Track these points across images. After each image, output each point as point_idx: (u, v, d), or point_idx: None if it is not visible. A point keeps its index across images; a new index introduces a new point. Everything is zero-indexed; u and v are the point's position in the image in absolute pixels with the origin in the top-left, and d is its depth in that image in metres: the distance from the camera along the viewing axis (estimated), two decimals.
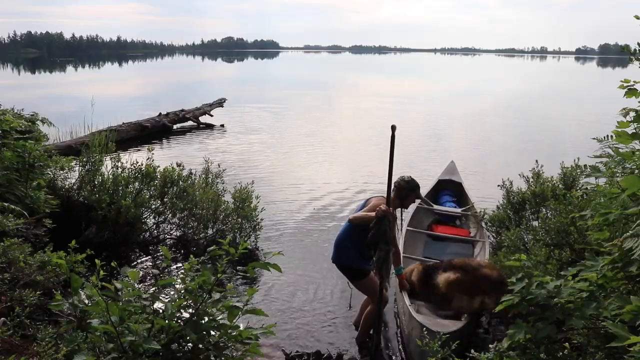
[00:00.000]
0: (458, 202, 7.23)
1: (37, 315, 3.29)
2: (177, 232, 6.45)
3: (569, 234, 4.23)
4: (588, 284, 2.36)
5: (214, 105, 17.69)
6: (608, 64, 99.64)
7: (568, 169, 5.78)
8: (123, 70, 65.38)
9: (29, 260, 3.39)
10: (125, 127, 13.14)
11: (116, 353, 1.97)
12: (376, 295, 4.11)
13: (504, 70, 76.56)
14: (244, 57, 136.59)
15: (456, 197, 7.35)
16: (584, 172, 3.51)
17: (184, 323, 2.11)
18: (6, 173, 4.65)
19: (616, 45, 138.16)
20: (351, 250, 4.12)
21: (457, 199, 7.32)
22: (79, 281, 2.25)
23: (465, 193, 7.36)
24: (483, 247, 5.67)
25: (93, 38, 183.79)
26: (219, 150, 12.28)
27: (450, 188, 7.56)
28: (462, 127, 17.00)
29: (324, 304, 5.04)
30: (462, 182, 7.63)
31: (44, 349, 2.40)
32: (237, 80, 42.43)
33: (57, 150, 6.80)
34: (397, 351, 4.29)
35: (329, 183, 9.54)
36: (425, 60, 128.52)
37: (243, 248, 2.25)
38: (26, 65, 67.62)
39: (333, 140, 14.50)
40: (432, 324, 3.90)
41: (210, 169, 6.75)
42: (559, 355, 2.34)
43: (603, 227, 2.70)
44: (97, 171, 6.08)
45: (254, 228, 6.34)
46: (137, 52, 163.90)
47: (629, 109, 2.63)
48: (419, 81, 45.94)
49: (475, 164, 11.06)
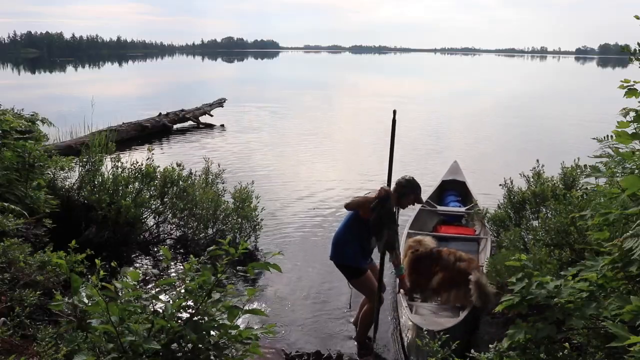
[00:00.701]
0: (463, 201, 7.23)
1: (37, 315, 3.29)
2: (177, 232, 6.45)
3: (569, 234, 4.23)
4: (588, 284, 2.36)
5: (214, 105, 17.69)
6: (608, 64, 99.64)
7: (568, 168, 5.78)
8: (123, 70, 65.39)
9: (29, 260, 3.39)
10: (125, 127, 13.14)
11: (116, 353, 1.97)
12: (373, 294, 4.12)
13: (504, 70, 76.54)
14: (244, 57, 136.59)
15: (461, 197, 7.35)
16: (584, 172, 3.51)
17: (184, 323, 2.11)
18: (6, 173, 4.65)
19: (616, 45, 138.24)
20: (350, 246, 4.08)
21: (462, 198, 7.32)
22: (79, 281, 2.25)
23: (469, 192, 7.36)
24: (486, 245, 5.70)
25: (93, 38, 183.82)
26: (219, 150, 12.28)
27: (455, 188, 7.56)
28: (463, 127, 16.99)
29: (324, 304, 5.04)
30: (465, 181, 7.63)
31: (44, 349, 2.40)
32: (237, 80, 42.43)
33: (57, 150, 6.80)
34: (396, 351, 4.29)
35: (329, 183, 9.54)
36: (425, 60, 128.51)
37: (243, 248, 2.25)
38: (26, 65, 67.63)
39: (333, 140, 14.51)
40: (429, 323, 3.92)
41: (210, 169, 6.75)
42: (559, 355, 2.34)
43: (603, 227, 2.70)
44: (97, 171, 6.08)
45: (254, 228, 6.34)
46: (137, 52, 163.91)
47: (629, 109, 2.63)
48: (419, 81, 45.93)
49: (476, 164, 11.06)
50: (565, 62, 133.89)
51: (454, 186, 7.59)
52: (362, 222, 4.04)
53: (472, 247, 5.91)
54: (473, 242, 6.02)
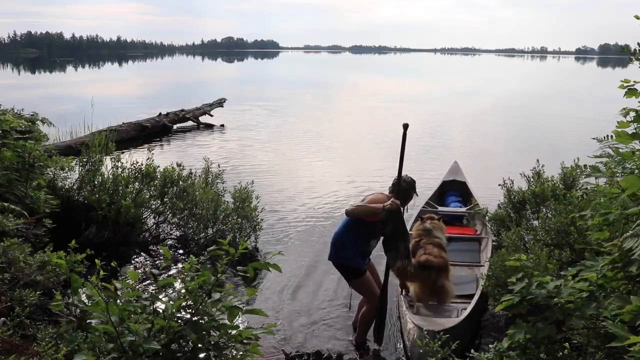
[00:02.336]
0: (464, 201, 7.23)
1: (37, 315, 3.29)
2: (177, 232, 6.45)
3: (569, 234, 4.23)
4: (588, 284, 2.36)
5: (214, 105, 17.69)
6: (608, 64, 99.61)
7: (568, 168, 5.78)
8: (123, 70, 65.39)
9: (29, 260, 3.39)
10: (125, 127, 13.13)
11: (116, 353, 1.97)
12: (371, 295, 4.14)
13: (504, 70, 76.53)
14: (244, 57, 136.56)
15: (462, 197, 7.35)
16: (584, 172, 3.50)
17: (184, 323, 2.11)
18: (6, 173, 4.64)
19: (616, 45, 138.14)
20: (349, 247, 4.08)
21: (463, 198, 7.32)
22: (79, 281, 2.25)
23: (470, 192, 7.36)
24: (487, 244, 5.70)
25: (93, 38, 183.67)
26: (219, 150, 12.28)
27: (455, 188, 7.56)
28: (463, 127, 16.98)
29: (324, 304, 5.04)
30: (466, 181, 7.63)
31: (44, 349, 2.40)
32: (237, 80, 42.43)
33: (57, 150, 6.80)
34: (396, 352, 4.29)
35: (329, 182, 9.54)
36: (425, 60, 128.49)
37: (243, 248, 2.25)
38: (26, 65, 67.60)
39: (333, 139, 14.50)
40: (429, 323, 3.92)
41: (210, 169, 6.75)
42: (559, 355, 2.34)
43: (603, 227, 2.69)
44: (97, 171, 6.07)
45: (254, 228, 6.34)
46: (137, 52, 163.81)
47: (629, 109, 2.63)
48: (419, 81, 45.94)
49: (476, 164, 11.05)
50: (565, 62, 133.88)
51: (455, 186, 7.59)
52: (362, 224, 4.05)
53: (474, 246, 5.91)
54: (474, 242, 6.02)
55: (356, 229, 4.06)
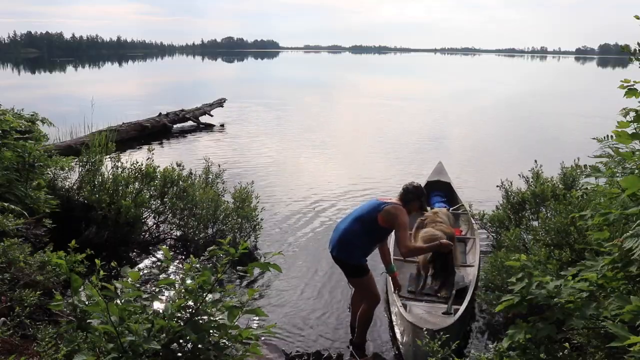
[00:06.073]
0: (448, 201, 7.22)
1: (37, 315, 3.28)
2: (177, 232, 6.45)
3: (569, 234, 4.23)
4: (588, 284, 2.36)
5: (214, 105, 17.68)
6: (608, 64, 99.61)
7: (568, 169, 5.78)
8: (123, 70, 65.38)
9: (29, 260, 3.39)
10: (125, 127, 13.13)
11: (116, 353, 1.97)
12: (373, 293, 4.15)
13: (504, 70, 76.52)
14: (244, 57, 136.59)
15: (446, 197, 7.35)
16: (584, 172, 3.50)
17: (184, 323, 2.11)
18: (6, 173, 4.64)
19: (616, 45, 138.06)
20: (360, 247, 4.11)
21: (448, 198, 7.32)
22: (79, 281, 2.25)
23: (454, 192, 7.36)
24: (474, 244, 5.70)
25: (93, 38, 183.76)
26: (219, 150, 12.28)
27: (440, 188, 7.56)
28: (462, 127, 16.99)
29: (324, 304, 5.04)
30: (450, 182, 7.63)
31: (44, 349, 2.40)
32: (237, 80, 42.43)
33: (57, 150, 6.80)
34: (390, 350, 4.29)
35: (329, 182, 9.53)
36: (426, 60, 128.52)
37: (243, 248, 2.24)
38: (26, 65, 67.62)
39: (333, 139, 14.50)
40: (423, 322, 3.92)
41: (210, 169, 6.75)
42: (559, 355, 2.34)
43: (603, 227, 2.70)
44: (97, 171, 6.07)
45: (254, 228, 6.34)
46: (137, 52, 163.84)
47: (629, 109, 2.63)
48: (419, 81, 45.95)
49: (475, 164, 11.07)
50: (565, 62, 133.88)
51: (439, 187, 7.59)
52: (378, 229, 4.10)
53: (460, 247, 5.90)
54: (460, 243, 6.02)
55: (366, 237, 4.10)
